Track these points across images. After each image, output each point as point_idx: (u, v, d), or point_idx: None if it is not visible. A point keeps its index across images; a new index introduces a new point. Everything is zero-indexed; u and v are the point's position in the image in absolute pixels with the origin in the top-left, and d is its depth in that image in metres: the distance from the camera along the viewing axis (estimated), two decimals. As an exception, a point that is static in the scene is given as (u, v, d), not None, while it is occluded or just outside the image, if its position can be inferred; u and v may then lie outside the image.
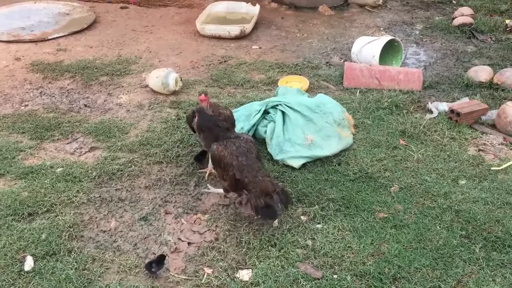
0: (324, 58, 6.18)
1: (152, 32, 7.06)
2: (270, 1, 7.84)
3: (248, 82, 5.56)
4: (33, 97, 5.45)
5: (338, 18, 7.44)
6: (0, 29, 6.96)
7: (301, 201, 3.85)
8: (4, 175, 4.20)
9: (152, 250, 3.51)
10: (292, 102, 4.44)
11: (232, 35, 6.63)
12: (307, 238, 3.50)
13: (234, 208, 3.87)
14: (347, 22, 7.29)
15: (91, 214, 3.80)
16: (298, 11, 7.62)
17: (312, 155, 4.16)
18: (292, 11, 7.65)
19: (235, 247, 3.49)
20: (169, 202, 3.94)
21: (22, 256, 3.39)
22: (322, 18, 7.41)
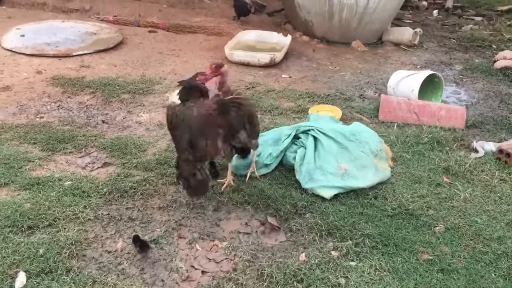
0: (357, 91, 5.85)
1: (179, 56, 6.85)
2: (302, 34, 7.63)
3: (277, 109, 5.24)
4: (50, 110, 5.19)
5: (372, 54, 7.17)
6: (26, 43, 6.82)
7: (332, 234, 3.42)
8: (8, 185, 3.86)
9: (160, 276, 3.09)
10: (326, 128, 4.08)
11: (262, 62, 6.37)
12: (339, 276, 3.05)
13: (256, 237, 3.45)
14: (381, 58, 7.01)
15: (97, 232, 3.42)
16: (330, 45, 7.38)
17: (345, 186, 3.75)
18: (324, 45, 7.41)
19: (255, 279, 3.06)
20: (183, 226, 3.54)
21: (15, 271, 3.00)
22: (355, 53, 7.14)
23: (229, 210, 3.72)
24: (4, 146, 4.38)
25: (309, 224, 3.52)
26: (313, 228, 3.47)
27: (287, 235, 3.47)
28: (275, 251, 3.30)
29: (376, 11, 7.04)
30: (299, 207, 3.67)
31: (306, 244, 3.36)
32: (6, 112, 5.07)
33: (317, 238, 3.39)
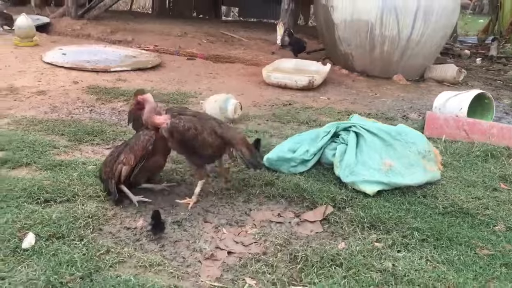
0: (399, 113, 5.57)
1: (216, 78, 6.79)
2: (341, 68, 7.50)
3: (314, 121, 4.99)
4: (81, 112, 5.09)
5: (414, 87, 6.94)
6: (66, 59, 6.91)
7: (375, 227, 3.04)
8: (30, 165, 3.68)
9: (182, 254, 2.75)
10: (369, 125, 3.78)
11: (299, 85, 6.21)
12: (384, 263, 2.64)
13: (289, 227, 3.10)
14: (424, 90, 6.77)
15: (117, 211, 3.15)
16: (370, 78, 7.20)
17: (390, 182, 3.39)
18: (364, 77, 7.24)
19: (287, 262, 2.69)
20: (210, 213, 3.24)
21: (24, 234, 2.73)
22: (397, 85, 6.92)
23: (261, 202, 3.40)
24: (31, 134, 4.25)
25: (349, 216, 3.16)
26: (353, 220, 3.11)
27: (324, 227, 3.10)
28: (310, 240, 2.94)
29: (419, 44, 6.88)
30: (338, 200, 3.32)
31: (346, 235, 2.99)
32: (38, 111, 5.00)
33: (358, 230, 3.01)
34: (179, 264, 2.66)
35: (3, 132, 4.23)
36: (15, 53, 7.17)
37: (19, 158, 3.71)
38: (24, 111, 4.94)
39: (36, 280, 2.33)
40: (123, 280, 2.37)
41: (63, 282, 2.35)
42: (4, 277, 2.37)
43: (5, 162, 3.65)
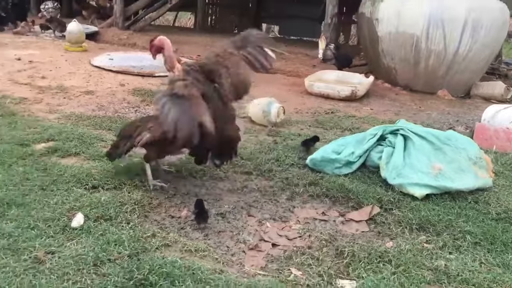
0: (446, 126, 5.44)
1: (257, 86, 6.75)
2: (384, 82, 7.42)
3: (357, 129, 4.93)
4: (127, 112, 5.19)
5: (460, 102, 6.79)
6: (113, 64, 7.10)
7: (424, 229, 2.95)
8: (79, 155, 3.76)
9: (226, 244, 2.74)
10: (417, 129, 3.71)
11: (342, 95, 6.18)
12: (435, 262, 2.55)
13: (334, 225, 3.04)
14: (470, 106, 6.61)
15: (162, 201, 3.16)
16: (413, 93, 7.09)
17: (440, 186, 3.30)
18: (407, 92, 7.13)
19: (333, 257, 2.63)
20: (253, 207, 3.22)
21: (73, 214, 2.77)
22: (441, 100, 6.79)
23: (304, 200, 3.36)
24: (80, 128, 4.35)
25: (396, 218, 3.08)
26: (401, 221, 3.03)
27: (371, 226, 3.03)
28: (356, 238, 2.87)
29: (466, 59, 6.75)
30: (385, 202, 3.24)
31: (393, 235, 2.91)
32: (87, 108, 5.13)
33: (407, 231, 2.93)
34: (223, 253, 2.64)
35: (54, 125, 4.35)
36: (65, 57, 7.42)
37: (68, 148, 3.80)
38: (73, 108, 5.08)
39: (85, 256, 2.35)
40: (170, 261, 2.36)
41: (111, 259, 2.36)
42: (54, 252, 2.40)
43: (55, 150, 3.74)
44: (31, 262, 2.30)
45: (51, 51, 7.77)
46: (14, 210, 2.76)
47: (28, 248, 2.40)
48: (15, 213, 2.73)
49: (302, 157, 3.97)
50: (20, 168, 3.34)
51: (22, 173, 3.26)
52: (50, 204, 2.87)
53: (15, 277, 2.16)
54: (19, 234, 2.51)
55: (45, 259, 2.32)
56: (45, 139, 3.97)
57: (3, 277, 2.15)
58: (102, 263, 2.33)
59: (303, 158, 3.94)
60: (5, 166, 3.36)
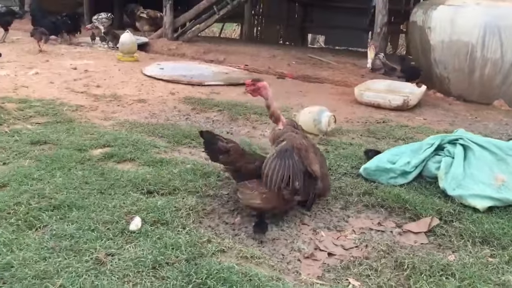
0: (504, 137, 5.22)
1: (306, 96, 6.79)
2: (436, 92, 7.22)
3: (411, 138, 4.80)
4: (178, 119, 5.27)
5: (519, 114, 6.51)
6: (164, 73, 7.25)
7: (488, 242, 2.83)
8: (134, 160, 3.84)
9: (280, 251, 2.71)
10: (477, 138, 3.57)
11: (393, 105, 6.05)
12: (502, 277, 2.43)
13: (391, 235, 2.96)
14: (532, 117, 6.32)
15: (215, 207, 3.17)
16: (468, 103, 6.86)
17: (503, 198, 3.16)
18: (461, 102, 6.90)
19: (392, 268, 2.55)
20: (307, 216, 3.17)
21: (130, 217, 2.82)
22: (498, 111, 6.51)
23: (359, 210, 3.29)
24: (134, 135, 4.44)
25: (457, 230, 2.96)
26: (463, 234, 2.91)
27: (430, 238, 2.93)
28: (415, 250, 2.78)
29: (524, 68, 6.48)
30: (444, 213, 3.13)
31: (455, 248, 2.80)
32: (139, 116, 5.24)
33: (469, 244, 2.81)
34: (279, 261, 2.61)
35: (109, 131, 4.46)
36: (118, 66, 7.64)
37: (124, 153, 3.89)
38: (126, 115, 5.20)
39: (144, 259, 2.38)
40: (227, 266, 2.36)
41: (169, 263, 2.38)
42: (113, 254, 2.44)
43: (111, 156, 3.83)
44: (93, 263, 2.34)
45: (104, 61, 8.02)
46: (75, 212, 2.84)
47: (89, 249, 2.45)
48: (76, 215, 2.80)
49: (355, 167, 3.90)
50: (79, 172, 3.44)
51: (81, 177, 3.36)
52: (109, 207, 2.93)
53: (78, 277, 2.21)
54: (80, 235, 2.58)
55: (106, 261, 2.36)
56: (102, 144, 4.08)
57: (67, 277, 2.20)
58: (161, 266, 2.35)
59: (356, 167, 3.87)
60: (65, 170, 3.47)
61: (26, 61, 7.55)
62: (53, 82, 6.33)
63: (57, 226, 2.67)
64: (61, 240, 2.53)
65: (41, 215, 2.78)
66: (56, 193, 3.07)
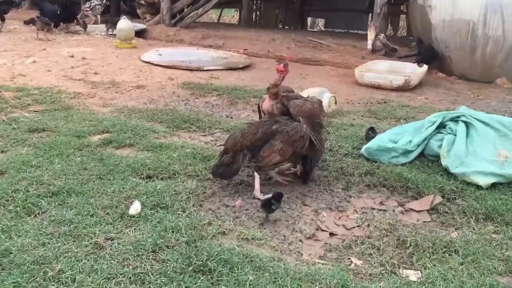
0: (507, 114, 5.16)
1: (306, 78, 6.73)
2: (437, 71, 7.15)
3: (413, 118, 4.75)
4: (177, 105, 5.22)
5: (521, 91, 6.44)
6: (162, 59, 7.18)
7: (491, 219, 2.80)
8: (133, 146, 3.81)
9: (282, 233, 2.68)
10: (480, 115, 3.53)
11: (394, 85, 5.99)
12: (506, 252, 2.40)
13: (393, 214, 2.93)
14: (534, 93, 6.26)
15: (215, 190, 3.14)
16: (470, 82, 6.79)
17: (507, 174, 3.12)
18: (462, 81, 6.84)
19: (394, 247, 2.53)
20: (308, 197, 3.15)
21: (130, 202, 2.79)
22: (501, 89, 6.46)
23: (361, 190, 3.26)
24: (132, 120, 4.41)
25: (460, 207, 2.93)
26: (465, 211, 2.88)
27: (433, 216, 2.90)
28: (417, 228, 2.75)
29: (527, 46, 6.39)
30: (447, 191, 3.10)
31: (458, 225, 2.77)
32: (138, 102, 5.19)
33: (472, 221, 2.79)
34: (280, 242, 2.59)
35: (108, 118, 4.42)
36: (116, 53, 7.58)
37: (123, 139, 3.85)
38: (125, 101, 5.16)
39: (144, 242, 2.36)
40: (227, 248, 2.33)
41: (169, 246, 2.36)
42: (113, 238, 2.42)
43: (110, 142, 3.80)
44: (92, 248, 2.32)
45: (102, 48, 7.96)
46: (74, 198, 2.81)
47: (88, 234, 2.42)
48: (75, 201, 2.77)
49: (356, 147, 3.86)
50: (78, 159, 3.41)
51: (80, 163, 3.33)
52: (108, 192, 2.91)
53: (77, 262, 2.19)
54: (79, 221, 2.55)
55: (105, 245, 2.34)
56: (100, 131, 4.04)
57: (66, 262, 2.18)
58: (161, 249, 2.33)
59: (357, 148, 3.83)
60: (63, 156, 3.44)
61: (23, 50, 7.49)
62: (50, 70, 6.28)
63: (55, 212, 2.64)
64: (60, 225, 2.50)
65: (40, 202, 2.75)
66: (55, 180, 3.04)
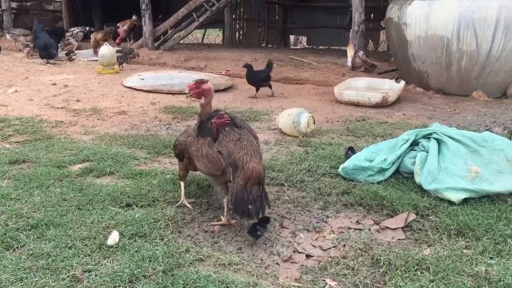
0: (482, 127, 5.29)
1: (287, 97, 6.83)
2: (415, 86, 7.30)
3: (390, 135, 4.85)
4: (159, 129, 5.28)
5: (496, 103, 6.57)
6: (144, 84, 7.26)
7: (463, 234, 2.87)
8: (113, 174, 3.85)
9: (259, 256, 2.73)
10: (451, 131, 3.62)
11: (372, 102, 6.10)
12: (475, 268, 2.47)
13: (369, 233, 2.99)
14: (508, 106, 6.39)
15: (194, 216, 3.19)
16: (447, 96, 6.93)
17: (478, 190, 3.20)
18: (440, 95, 6.98)
19: (369, 266, 2.58)
20: (286, 219, 3.20)
21: (108, 232, 2.83)
22: (477, 102, 6.60)
23: (338, 209, 3.32)
24: (113, 148, 4.45)
25: (433, 224, 3.00)
26: (438, 227, 2.95)
27: (407, 234, 2.96)
28: (392, 246, 2.81)
29: (500, 59, 6.54)
30: (421, 208, 3.17)
31: (431, 242, 2.83)
32: (120, 128, 5.24)
33: (444, 237, 2.85)
34: (257, 266, 2.63)
35: (89, 146, 4.46)
36: (98, 79, 7.64)
37: (103, 167, 3.89)
38: (106, 128, 5.20)
39: (121, 273, 2.39)
40: (204, 275, 2.37)
41: (146, 275, 2.39)
42: (90, 270, 2.45)
43: (90, 171, 3.84)
44: (69, 281, 2.35)
45: (84, 74, 8.02)
46: (52, 231, 2.84)
47: (66, 267, 2.45)
48: (53, 233, 2.80)
49: (334, 166, 3.94)
50: (58, 190, 3.44)
51: (59, 194, 3.36)
52: (87, 223, 2.94)
53: (54, 296, 2.22)
54: (58, 253, 2.58)
55: (82, 278, 2.37)
56: (81, 160, 4.08)
57: (43, 296, 2.20)
58: (138, 280, 2.36)
59: (335, 167, 3.90)
60: (43, 188, 3.46)
61: (5, 79, 7.52)
62: (32, 99, 6.31)
63: (34, 245, 2.67)
64: (38, 259, 2.53)
65: (19, 235, 2.78)
66: (34, 212, 3.07)
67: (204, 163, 2.95)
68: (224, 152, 2.88)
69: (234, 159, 2.83)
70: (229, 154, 2.86)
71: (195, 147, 3.01)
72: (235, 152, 2.84)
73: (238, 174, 2.80)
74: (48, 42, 8.99)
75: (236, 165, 2.82)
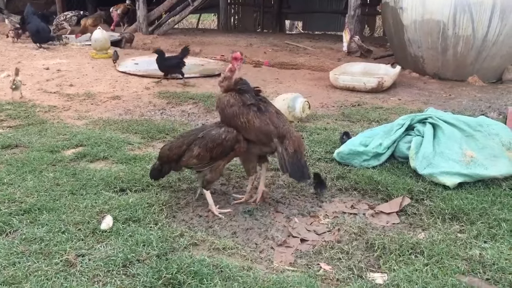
0: (477, 112, 5.28)
1: (282, 83, 6.79)
2: (411, 71, 7.27)
3: (385, 120, 4.84)
4: (153, 114, 5.24)
5: (492, 88, 6.57)
6: (138, 68, 7.19)
7: (457, 218, 2.87)
8: (107, 159, 3.82)
9: (254, 241, 2.72)
10: (447, 116, 3.61)
11: (368, 87, 6.07)
12: (469, 252, 2.47)
13: (363, 218, 2.98)
14: (503, 91, 6.38)
15: (189, 200, 3.18)
16: (443, 81, 6.92)
17: (472, 174, 3.19)
18: (436, 80, 6.96)
19: (363, 250, 2.58)
20: (281, 203, 3.19)
21: (102, 216, 2.81)
22: (472, 87, 6.60)
23: (333, 194, 3.32)
24: (107, 133, 4.42)
25: (428, 208, 3.00)
26: (433, 212, 2.96)
27: (401, 218, 2.96)
28: (386, 230, 2.81)
29: (496, 44, 6.53)
30: (415, 192, 3.17)
31: (425, 226, 2.84)
32: (113, 113, 5.20)
33: (439, 221, 2.85)
34: (252, 250, 2.63)
35: (82, 131, 4.43)
36: (91, 64, 7.56)
37: (96, 152, 3.86)
38: (100, 113, 5.16)
39: (114, 257, 2.38)
40: (198, 259, 2.36)
41: (140, 260, 2.38)
42: (84, 254, 2.44)
43: (84, 156, 3.81)
44: (62, 266, 2.33)
45: (78, 59, 7.93)
46: (46, 215, 2.82)
47: (59, 251, 2.43)
48: (46, 218, 2.78)
49: (329, 151, 3.92)
50: (51, 174, 3.41)
51: (53, 179, 3.33)
52: (80, 208, 2.92)
53: (47, 281, 2.20)
54: (51, 238, 2.56)
55: (76, 262, 2.35)
56: (74, 145, 4.05)
57: (35, 281, 2.19)
58: (131, 264, 2.35)
59: (330, 152, 3.89)
60: (36, 173, 3.44)
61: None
62: (25, 84, 6.23)
63: (27, 230, 2.65)
64: (30, 244, 2.51)
65: (11, 220, 2.75)
66: (27, 197, 3.05)
67: (256, 134, 3.00)
68: (270, 123, 3.00)
69: (281, 131, 2.98)
70: (276, 126, 2.99)
71: (245, 119, 3.00)
72: (280, 125, 3.00)
73: (286, 144, 2.96)
74: (39, 26, 8.86)
75: (284, 136, 2.97)
